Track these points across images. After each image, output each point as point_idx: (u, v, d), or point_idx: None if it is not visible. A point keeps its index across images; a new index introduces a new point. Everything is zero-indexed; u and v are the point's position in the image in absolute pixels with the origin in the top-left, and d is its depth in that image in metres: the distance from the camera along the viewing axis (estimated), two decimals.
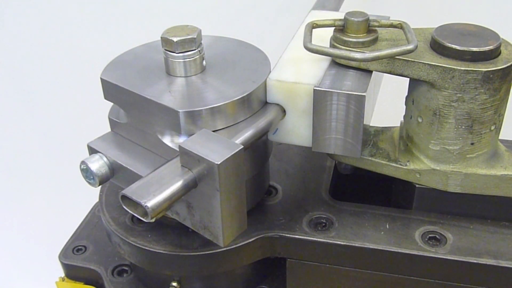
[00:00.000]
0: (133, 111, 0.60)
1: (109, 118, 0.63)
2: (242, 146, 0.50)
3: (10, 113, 1.36)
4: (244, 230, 0.55)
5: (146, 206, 0.48)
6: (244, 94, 0.57)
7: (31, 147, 1.39)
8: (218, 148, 0.50)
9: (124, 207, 0.50)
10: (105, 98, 0.62)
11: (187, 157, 0.51)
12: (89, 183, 0.60)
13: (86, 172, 0.60)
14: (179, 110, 0.54)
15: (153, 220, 0.50)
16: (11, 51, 1.27)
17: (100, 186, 0.70)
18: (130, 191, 0.49)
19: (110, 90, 0.61)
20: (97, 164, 0.59)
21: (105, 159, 0.60)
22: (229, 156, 0.49)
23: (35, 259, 1.42)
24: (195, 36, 0.58)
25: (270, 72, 0.60)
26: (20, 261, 1.47)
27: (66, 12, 1.22)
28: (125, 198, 0.49)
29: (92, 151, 0.61)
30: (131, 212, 0.50)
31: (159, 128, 0.58)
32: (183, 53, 0.58)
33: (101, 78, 0.61)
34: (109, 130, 0.64)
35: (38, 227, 1.43)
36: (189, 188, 0.51)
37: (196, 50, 0.59)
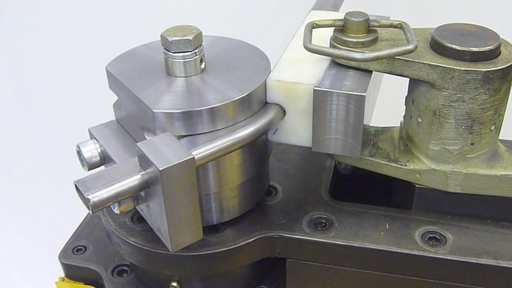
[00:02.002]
0: (127, 105, 0.61)
1: (114, 107, 0.64)
2: (193, 156, 0.50)
3: (10, 113, 1.36)
4: (200, 239, 0.55)
5: (88, 199, 0.48)
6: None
7: (31, 147, 1.39)
8: (168, 154, 0.50)
9: (78, 195, 0.51)
10: (109, 87, 0.63)
11: (141, 158, 0.51)
12: (82, 165, 0.61)
13: (79, 156, 0.61)
14: (154, 110, 0.55)
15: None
16: (11, 51, 1.27)
17: None
18: (81, 181, 0.50)
19: (112, 81, 0.62)
20: (88, 149, 0.60)
21: (97, 145, 0.61)
22: (174, 164, 0.49)
23: (35, 259, 1.42)
24: (190, 38, 0.58)
25: (270, 72, 0.60)
26: (20, 261, 1.47)
27: (77, 11, 1.22)
28: (77, 187, 0.50)
29: (91, 136, 0.63)
30: (82, 202, 0.50)
31: (143, 125, 0.58)
32: (178, 53, 0.59)
33: (106, 68, 0.62)
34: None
35: (38, 227, 1.43)
36: (140, 188, 0.51)
37: (192, 52, 0.59)
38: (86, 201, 0.49)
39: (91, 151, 0.60)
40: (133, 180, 0.51)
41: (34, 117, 1.36)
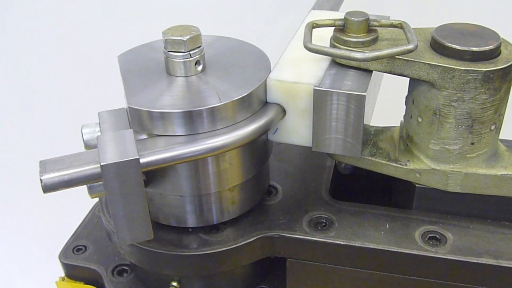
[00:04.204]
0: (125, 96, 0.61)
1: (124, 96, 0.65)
2: (137, 157, 0.51)
3: (10, 112, 1.36)
4: (151, 239, 0.56)
5: (40, 179, 0.50)
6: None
7: (31, 147, 1.38)
8: (117, 151, 0.51)
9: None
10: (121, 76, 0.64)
11: (98, 150, 0.52)
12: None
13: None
14: (129, 105, 0.55)
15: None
16: (11, 50, 1.27)
17: None
18: (44, 161, 0.51)
19: (120, 71, 0.63)
20: (88, 131, 0.61)
21: (98, 129, 0.61)
22: (116, 161, 0.50)
23: (35, 259, 1.42)
24: (185, 39, 0.57)
25: (270, 72, 0.60)
26: (20, 261, 1.47)
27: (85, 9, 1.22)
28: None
29: (99, 120, 0.63)
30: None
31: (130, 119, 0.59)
32: (174, 53, 0.58)
33: (117, 58, 0.64)
34: None
35: (38, 227, 1.43)
36: (93, 179, 0.52)
37: (186, 53, 0.58)
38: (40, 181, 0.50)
39: (91, 133, 0.61)
40: (87, 169, 0.51)
41: (34, 116, 1.36)
